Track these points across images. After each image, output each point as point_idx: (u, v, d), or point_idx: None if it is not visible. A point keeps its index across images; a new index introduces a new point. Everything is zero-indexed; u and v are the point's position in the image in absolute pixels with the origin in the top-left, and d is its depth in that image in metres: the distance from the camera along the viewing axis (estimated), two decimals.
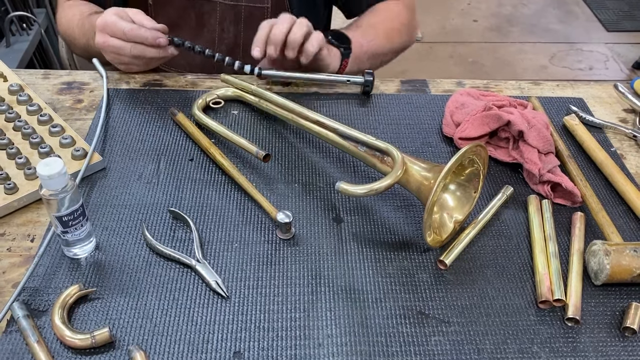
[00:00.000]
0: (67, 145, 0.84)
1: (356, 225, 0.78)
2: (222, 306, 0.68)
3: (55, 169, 0.63)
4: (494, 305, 0.70)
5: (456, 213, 0.77)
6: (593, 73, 2.80)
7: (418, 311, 0.68)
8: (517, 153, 0.86)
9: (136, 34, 0.90)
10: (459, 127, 0.90)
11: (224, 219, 0.78)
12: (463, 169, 0.77)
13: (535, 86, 1.05)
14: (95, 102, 0.96)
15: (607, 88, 1.06)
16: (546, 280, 0.70)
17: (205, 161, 0.86)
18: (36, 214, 0.77)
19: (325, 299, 0.69)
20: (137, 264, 0.72)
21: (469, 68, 2.81)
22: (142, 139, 0.89)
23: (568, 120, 0.95)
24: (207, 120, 0.89)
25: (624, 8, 3.27)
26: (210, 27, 1.11)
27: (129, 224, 0.76)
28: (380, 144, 0.77)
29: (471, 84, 1.04)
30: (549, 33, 3.08)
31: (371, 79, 0.98)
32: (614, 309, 0.70)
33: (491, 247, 0.76)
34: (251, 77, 1.02)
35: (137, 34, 0.90)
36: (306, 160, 0.87)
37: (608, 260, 0.69)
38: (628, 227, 0.80)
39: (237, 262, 0.72)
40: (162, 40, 0.91)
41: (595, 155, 0.89)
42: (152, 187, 0.81)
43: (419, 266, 0.73)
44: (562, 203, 0.82)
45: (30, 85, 0.97)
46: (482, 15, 3.21)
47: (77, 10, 1.06)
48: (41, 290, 0.68)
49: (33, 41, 1.88)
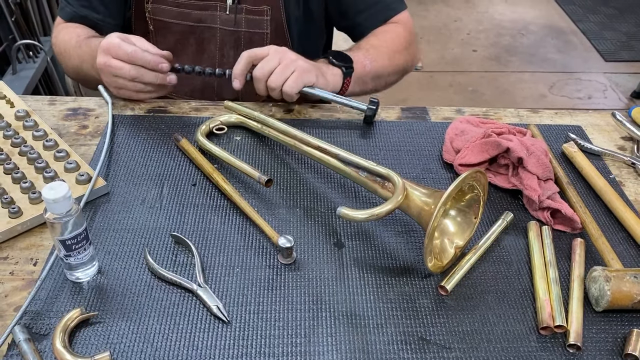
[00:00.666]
0: (72, 170, 0.85)
1: (357, 250, 0.78)
2: (223, 331, 0.68)
3: (60, 193, 0.64)
4: (495, 331, 0.70)
5: (457, 239, 0.77)
6: (592, 102, 2.83)
7: (419, 337, 0.68)
8: (517, 179, 0.87)
9: (139, 57, 0.92)
10: (459, 154, 0.91)
11: (226, 243, 0.78)
12: (463, 195, 0.77)
13: (534, 114, 1.07)
14: (100, 128, 0.97)
15: (605, 116, 1.07)
16: (547, 307, 0.70)
17: (208, 186, 0.87)
18: (39, 238, 0.78)
19: (327, 324, 0.69)
20: (139, 288, 0.72)
21: (469, 97, 2.84)
22: (145, 164, 0.90)
23: (567, 148, 0.96)
24: (210, 145, 0.90)
25: (622, 39, 3.32)
26: (210, 52, 1.13)
27: (132, 248, 0.77)
28: (381, 170, 0.78)
29: (470, 111, 1.06)
30: (548, 63, 3.12)
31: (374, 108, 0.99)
32: (616, 336, 0.70)
33: (492, 273, 0.77)
34: (254, 104, 1.04)
35: (140, 57, 0.92)
36: (308, 185, 0.88)
37: (609, 286, 0.69)
38: (628, 253, 0.80)
39: (239, 286, 0.73)
40: (165, 66, 0.93)
41: (594, 182, 0.90)
42: (154, 211, 0.82)
43: (420, 292, 0.73)
44: (562, 229, 0.83)
45: (36, 111, 0.98)
46: (481, 45, 3.26)
47: (74, 32, 1.08)
48: (43, 314, 0.68)
49: (39, 68, 1.91)
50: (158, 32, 1.12)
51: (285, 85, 0.93)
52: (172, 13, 1.10)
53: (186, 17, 1.10)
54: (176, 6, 1.09)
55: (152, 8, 1.09)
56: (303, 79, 0.94)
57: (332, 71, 1.01)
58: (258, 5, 1.09)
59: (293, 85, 0.93)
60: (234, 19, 1.10)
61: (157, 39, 1.13)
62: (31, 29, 1.92)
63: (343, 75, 1.02)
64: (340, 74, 1.02)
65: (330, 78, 1.00)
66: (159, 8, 1.10)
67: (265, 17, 1.10)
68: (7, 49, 1.84)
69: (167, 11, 1.10)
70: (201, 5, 1.09)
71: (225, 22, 1.10)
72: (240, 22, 1.10)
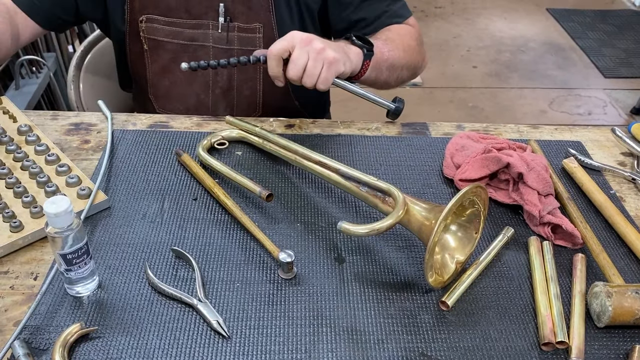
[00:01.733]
0: (73, 185, 0.86)
1: (358, 265, 0.78)
2: (223, 346, 0.67)
3: (61, 207, 0.64)
4: (496, 347, 0.69)
5: (458, 254, 0.77)
6: (592, 118, 2.84)
7: (420, 352, 0.68)
8: (517, 195, 0.87)
9: None
10: (459, 169, 0.91)
11: (227, 258, 0.78)
12: (464, 210, 0.77)
13: (534, 130, 1.07)
14: (102, 143, 0.97)
15: (605, 132, 1.07)
16: (549, 322, 0.70)
17: (209, 201, 0.87)
18: (40, 252, 0.78)
19: (327, 339, 0.69)
20: (139, 302, 0.72)
21: (469, 113, 2.86)
22: (147, 179, 0.90)
23: (567, 163, 0.96)
24: (212, 160, 0.91)
25: (621, 55, 3.34)
26: (204, 71, 1.14)
27: (132, 263, 0.77)
28: (381, 185, 0.78)
29: (471, 127, 1.06)
30: (548, 79, 3.14)
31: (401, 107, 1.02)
32: (618, 352, 0.69)
33: (493, 288, 0.76)
34: (255, 119, 1.04)
35: None
36: (308, 200, 0.88)
37: (610, 302, 0.69)
38: (629, 269, 0.80)
39: (239, 301, 0.72)
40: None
41: (594, 198, 0.90)
42: (155, 226, 0.82)
43: (421, 307, 0.73)
44: (562, 245, 0.83)
45: (39, 126, 0.99)
46: (481, 61, 3.28)
47: None
48: (42, 328, 0.68)
49: (42, 84, 1.92)
50: (152, 51, 1.13)
51: (318, 82, 0.92)
52: (164, 31, 1.11)
53: (178, 35, 1.11)
54: (169, 25, 1.10)
55: (145, 27, 1.11)
56: (333, 71, 0.92)
57: (354, 50, 0.99)
58: (250, 22, 1.10)
59: (325, 81, 0.92)
60: (226, 37, 1.10)
61: (151, 58, 1.14)
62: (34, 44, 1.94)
63: (363, 57, 1.00)
64: (361, 55, 0.99)
65: (353, 57, 0.98)
66: (153, 27, 1.11)
67: (257, 34, 1.10)
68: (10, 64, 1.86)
69: (160, 30, 1.11)
70: (193, 24, 1.10)
71: (218, 40, 1.11)
72: (233, 40, 1.11)
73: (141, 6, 1.10)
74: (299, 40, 0.92)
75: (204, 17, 1.10)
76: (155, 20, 1.10)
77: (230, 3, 1.08)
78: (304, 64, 0.91)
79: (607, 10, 3.87)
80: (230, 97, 1.16)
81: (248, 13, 1.09)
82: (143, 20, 1.10)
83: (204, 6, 1.09)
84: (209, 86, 1.16)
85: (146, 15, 1.10)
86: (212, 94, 1.15)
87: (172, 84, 1.16)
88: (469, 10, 3.84)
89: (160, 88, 1.17)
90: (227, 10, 1.09)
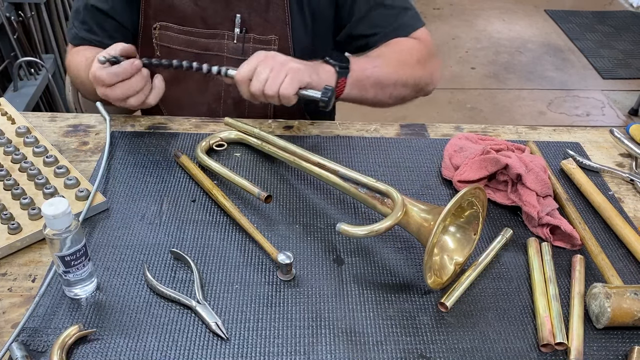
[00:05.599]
0: (72, 186, 0.85)
1: (357, 266, 0.78)
2: (222, 348, 0.67)
3: (60, 209, 0.64)
4: (495, 348, 0.69)
5: (456, 255, 0.77)
6: (590, 119, 2.85)
7: (419, 354, 0.68)
8: (516, 196, 0.87)
9: (116, 77, 0.90)
10: (458, 170, 0.91)
11: (225, 260, 0.78)
12: (462, 211, 0.77)
13: (533, 131, 1.07)
14: (100, 144, 0.97)
15: (604, 133, 1.07)
16: (547, 323, 0.70)
17: (208, 202, 0.87)
18: (38, 254, 0.78)
19: (326, 341, 0.69)
20: (138, 304, 0.72)
21: (467, 114, 2.86)
22: (145, 181, 0.90)
23: (565, 164, 0.96)
24: (210, 162, 0.91)
25: (619, 56, 3.35)
26: (216, 81, 1.13)
27: (131, 265, 0.76)
28: (380, 186, 0.78)
29: (469, 128, 1.06)
30: (546, 80, 3.14)
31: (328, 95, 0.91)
32: (617, 353, 0.69)
33: (492, 290, 0.76)
34: (254, 121, 1.04)
35: (117, 76, 0.90)
36: (307, 201, 0.88)
37: (609, 303, 0.69)
38: (628, 270, 0.80)
39: (238, 303, 0.72)
40: (138, 62, 0.92)
41: (593, 199, 0.90)
42: (154, 227, 0.82)
43: (420, 308, 0.73)
44: (561, 246, 0.83)
45: (37, 128, 0.99)
46: (479, 63, 3.28)
47: (83, 56, 1.08)
48: (41, 330, 0.68)
49: (40, 85, 1.92)
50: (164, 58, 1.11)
51: (281, 89, 0.89)
52: (179, 40, 1.10)
53: (193, 44, 1.10)
54: (183, 33, 1.09)
55: (159, 34, 1.10)
56: (297, 79, 0.90)
57: (325, 69, 0.96)
58: (266, 34, 1.08)
59: (289, 88, 0.89)
60: (242, 47, 1.09)
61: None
62: (33, 46, 1.93)
63: (337, 75, 0.97)
64: (332, 72, 0.96)
65: (323, 75, 0.95)
66: (166, 34, 1.10)
67: (272, 46, 1.09)
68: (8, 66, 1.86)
69: (174, 38, 1.10)
70: (209, 34, 1.09)
71: (233, 50, 1.10)
72: (248, 51, 1.09)
73: (155, 13, 1.09)
74: (263, 57, 0.91)
75: (219, 27, 1.09)
76: (169, 28, 1.09)
77: (247, 14, 1.07)
78: (266, 77, 0.89)
79: (605, 11, 3.88)
80: (242, 108, 1.14)
81: (264, 25, 1.08)
82: (157, 27, 1.10)
83: (220, 16, 1.08)
84: (221, 96, 1.15)
85: (160, 23, 1.09)
86: (223, 104, 1.14)
87: (184, 93, 1.15)
88: (467, 12, 3.84)
89: (171, 96, 1.15)
90: (244, 21, 1.08)
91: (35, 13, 2.01)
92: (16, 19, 1.85)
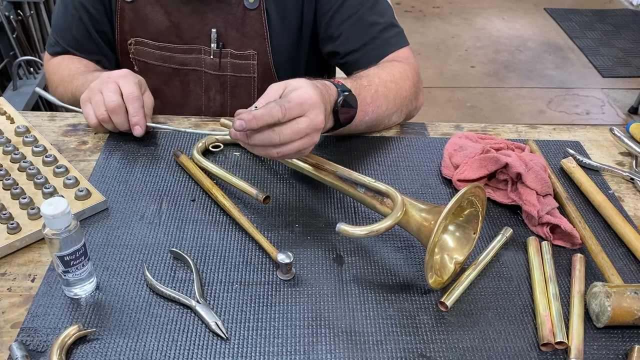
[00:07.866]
0: (71, 186, 0.85)
1: (357, 266, 0.78)
2: (222, 348, 0.67)
3: (59, 209, 0.64)
4: (495, 347, 0.69)
5: (456, 254, 0.77)
6: (590, 117, 2.84)
7: (419, 354, 0.68)
8: (516, 195, 0.87)
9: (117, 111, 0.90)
10: (458, 169, 0.91)
11: (225, 259, 0.78)
12: (462, 210, 0.77)
13: (532, 129, 1.07)
14: (99, 144, 0.97)
15: (604, 132, 1.07)
16: (548, 323, 0.70)
17: (207, 202, 0.87)
18: (38, 253, 0.77)
19: (326, 341, 0.69)
20: (137, 304, 0.72)
21: (467, 113, 2.86)
22: (144, 180, 0.90)
23: (565, 163, 0.96)
24: (207, 163, 0.90)
25: (619, 55, 3.35)
26: (196, 95, 1.12)
27: (130, 264, 0.76)
28: (380, 186, 0.78)
29: (469, 127, 1.06)
30: (546, 79, 3.14)
31: None
32: (617, 352, 0.69)
33: (492, 289, 0.76)
34: None
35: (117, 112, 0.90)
36: (307, 201, 0.88)
37: (609, 302, 0.69)
38: (628, 269, 0.80)
39: (237, 303, 0.72)
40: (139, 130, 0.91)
41: (593, 198, 0.90)
42: (153, 227, 0.82)
43: (420, 308, 0.73)
44: (561, 245, 0.83)
45: (36, 127, 0.99)
46: (479, 62, 3.28)
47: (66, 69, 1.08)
48: (40, 330, 0.68)
49: (39, 84, 1.92)
50: (143, 73, 1.09)
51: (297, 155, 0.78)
52: (155, 55, 1.09)
53: (169, 60, 1.10)
54: (159, 49, 1.08)
55: (135, 49, 1.09)
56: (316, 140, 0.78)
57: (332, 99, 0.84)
58: (244, 49, 1.06)
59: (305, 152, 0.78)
60: (219, 63, 1.07)
61: None
62: (32, 45, 1.93)
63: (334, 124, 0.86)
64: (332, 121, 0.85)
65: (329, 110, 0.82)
66: (143, 50, 1.09)
67: (251, 61, 1.07)
68: (7, 65, 1.86)
69: (150, 53, 1.09)
70: (185, 49, 1.08)
71: (210, 66, 1.09)
72: (226, 67, 1.08)
73: (130, 29, 1.08)
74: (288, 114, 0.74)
75: (196, 41, 1.07)
76: (144, 43, 1.09)
77: (222, 29, 1.05)
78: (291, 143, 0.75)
79: (605, 9, 3.88)
80: None
81: (242, 39, 1.06)
82: (132, 43, 1.09)
83: (195, 31, 1.06)
84: (202, 111, 1.14)
85: (135, 39, 1.09)
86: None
87: (164, 106, 1.14)
88: (467, 10, 3.84)
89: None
90: (220, 35, 1.05)
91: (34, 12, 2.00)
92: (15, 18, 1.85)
